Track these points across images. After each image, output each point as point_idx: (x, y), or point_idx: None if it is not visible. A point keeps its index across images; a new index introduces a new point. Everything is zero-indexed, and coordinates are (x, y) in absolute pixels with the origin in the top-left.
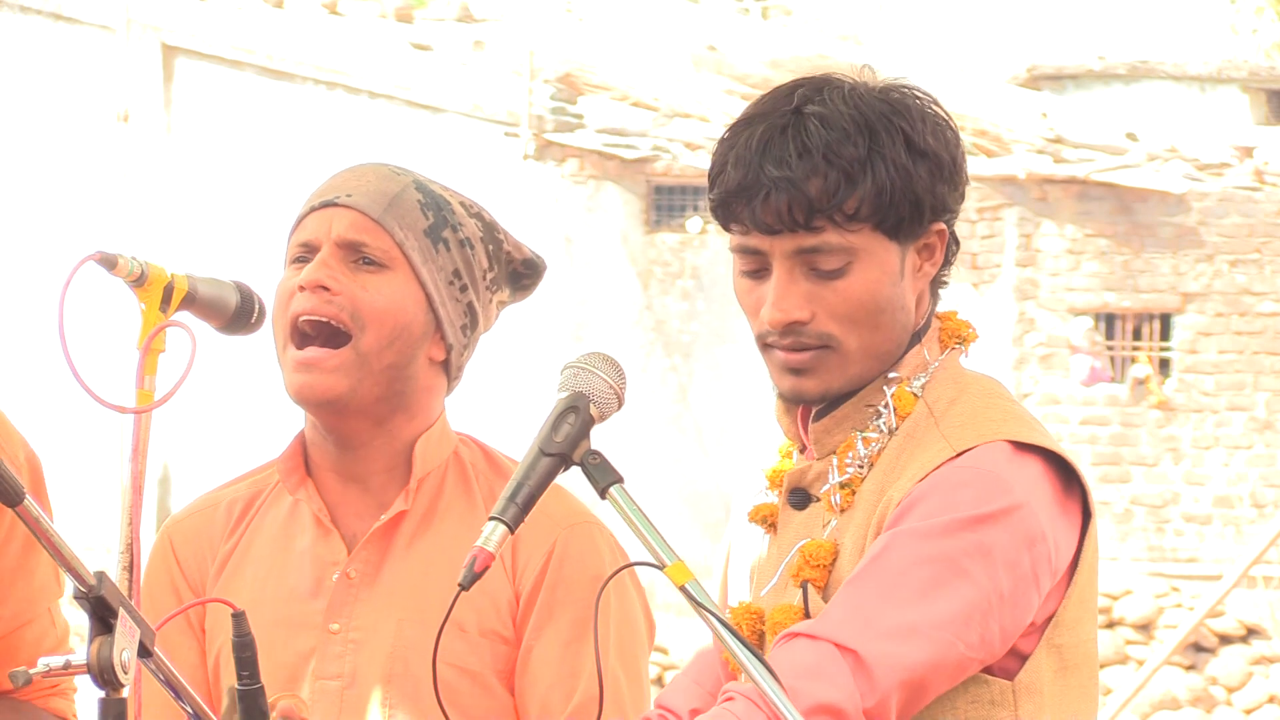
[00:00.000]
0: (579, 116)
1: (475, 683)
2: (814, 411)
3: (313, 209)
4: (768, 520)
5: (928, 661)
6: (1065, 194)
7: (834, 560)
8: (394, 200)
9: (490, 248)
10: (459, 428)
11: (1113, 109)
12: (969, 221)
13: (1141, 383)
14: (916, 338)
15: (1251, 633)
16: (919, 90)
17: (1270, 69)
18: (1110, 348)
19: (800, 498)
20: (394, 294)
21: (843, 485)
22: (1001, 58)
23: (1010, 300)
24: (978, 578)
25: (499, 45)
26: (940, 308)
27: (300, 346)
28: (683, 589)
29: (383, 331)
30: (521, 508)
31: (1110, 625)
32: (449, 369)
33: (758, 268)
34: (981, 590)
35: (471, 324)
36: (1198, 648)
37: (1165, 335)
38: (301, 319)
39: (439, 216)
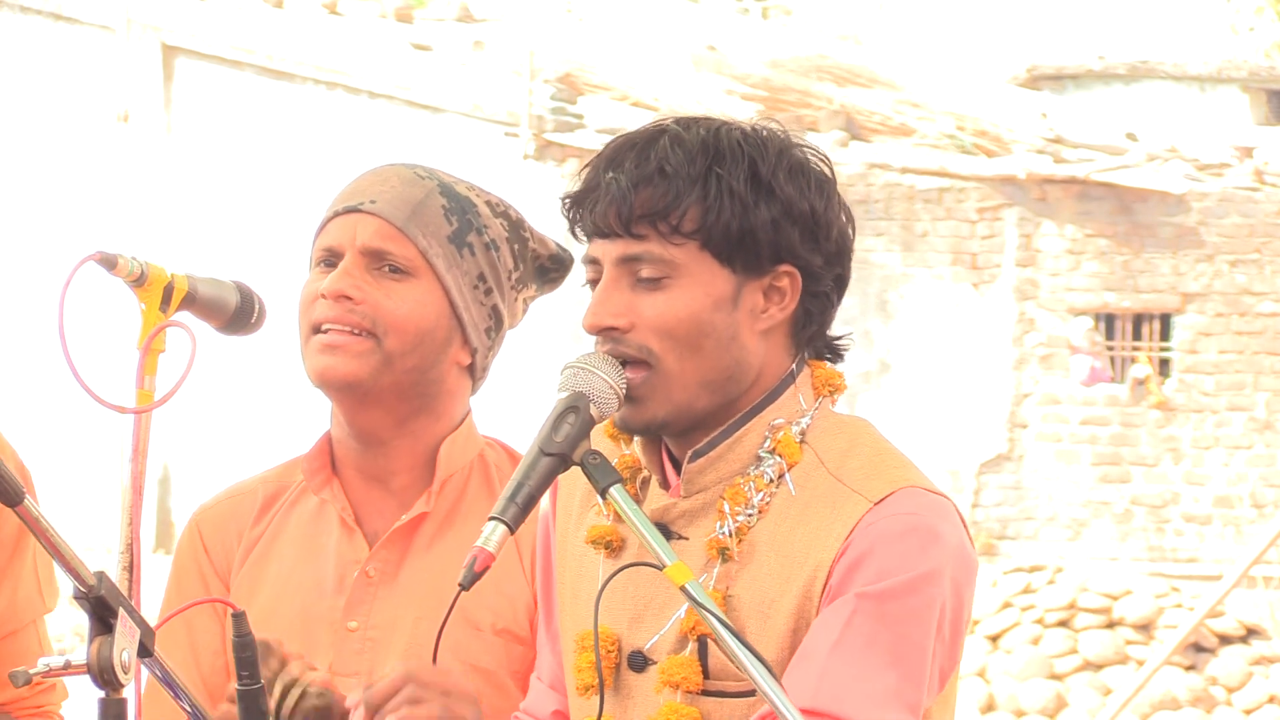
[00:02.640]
0: (579, 116)
1: (489, 681)
2: (691, 451)
3: (336, 214)
4: (610, 544)
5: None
6: (1065, 194)
7: (726, 612)
8: (418, 207)
9: (516, 246)
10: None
11: (1113, 109)
12: (969, 222)
13: (1141, 383)
14: (789, 380)
15: (1251, 633)
16: (808, 148)
17: (1270, 69)
18: (1110, 348)
19: (664, 531)
20: (416, 302)
21: (731, 533)
22: (1001, 58)
23: (1010, 300)
24: (931, 629)
25: (499, 45)
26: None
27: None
28: (683, 589)
29: (405, 339)
30: (522, 508)
31: (1110, 625)
32: (474, 370)
33: (597, 277)
34: (933, 638)
35: (496, 325)
36: (1198, 648)
37: (1165, 335)
38: (324, 326)
39: (463, 221)
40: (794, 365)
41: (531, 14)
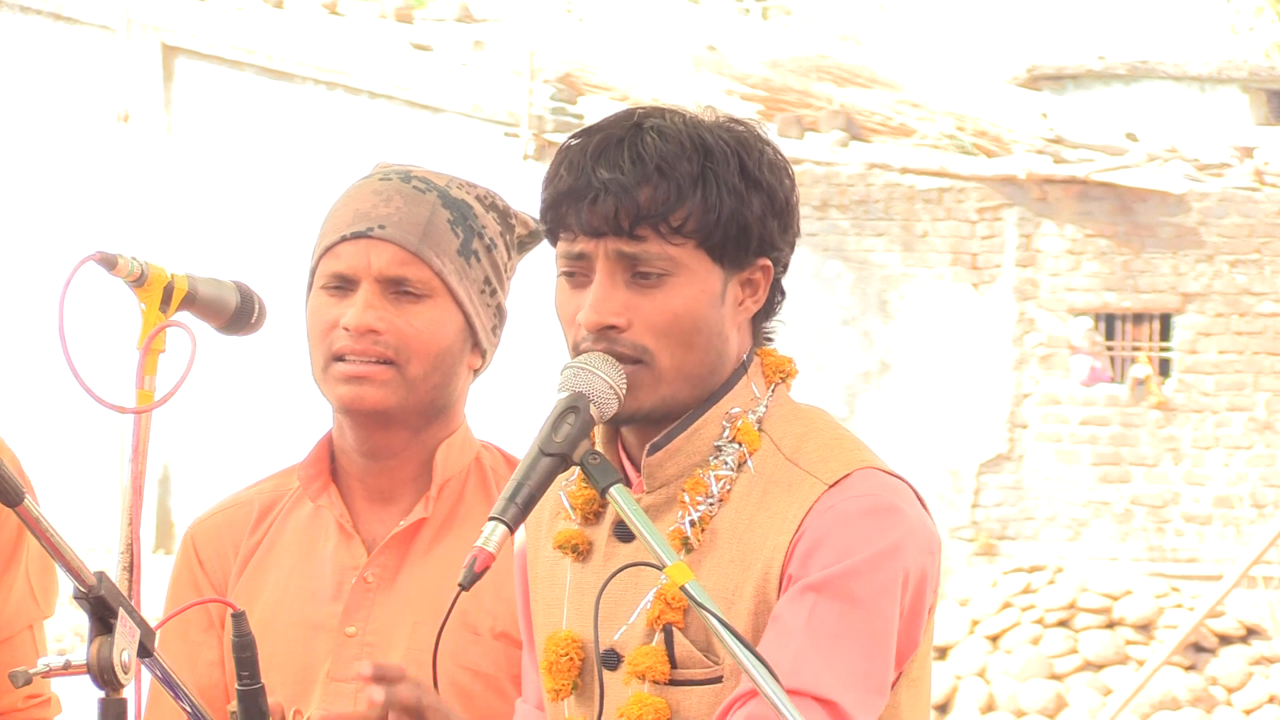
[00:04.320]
0: (579, 116)
1: (488, 685)
2: (649, 445)
3: (344, 239)
4: (577, 549)
5: (881, 701)
6: (1065, 194)
7: (689, 603)
8: (428, 227)
9: (507, 237)
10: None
11: (1113, 109)
12: (969, 222)
13: (1141, 383)
14: (741, 370)
15: (1251, 633)
16: (759, 129)
17: (1270, 69)
18: (1110, 348)
19: (627, 530)
20: (435, 322)
21: (693, 523)
22: (1001, 58)
23: (1010, 300)
24: (896, 604)
25: (499, 45)
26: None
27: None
28: (683, 589)
29: (427, 361)
30: (521, 508)
31: (1110, 625)
32: (479, 370)
33: (580, 272)
34: (895, 618)
35: (501, 322)
36: (1198, 648)
37: (1165, 335)
38: (346, 356)
39: (466, 229)
40: (746, 355)
41: (531, 14)
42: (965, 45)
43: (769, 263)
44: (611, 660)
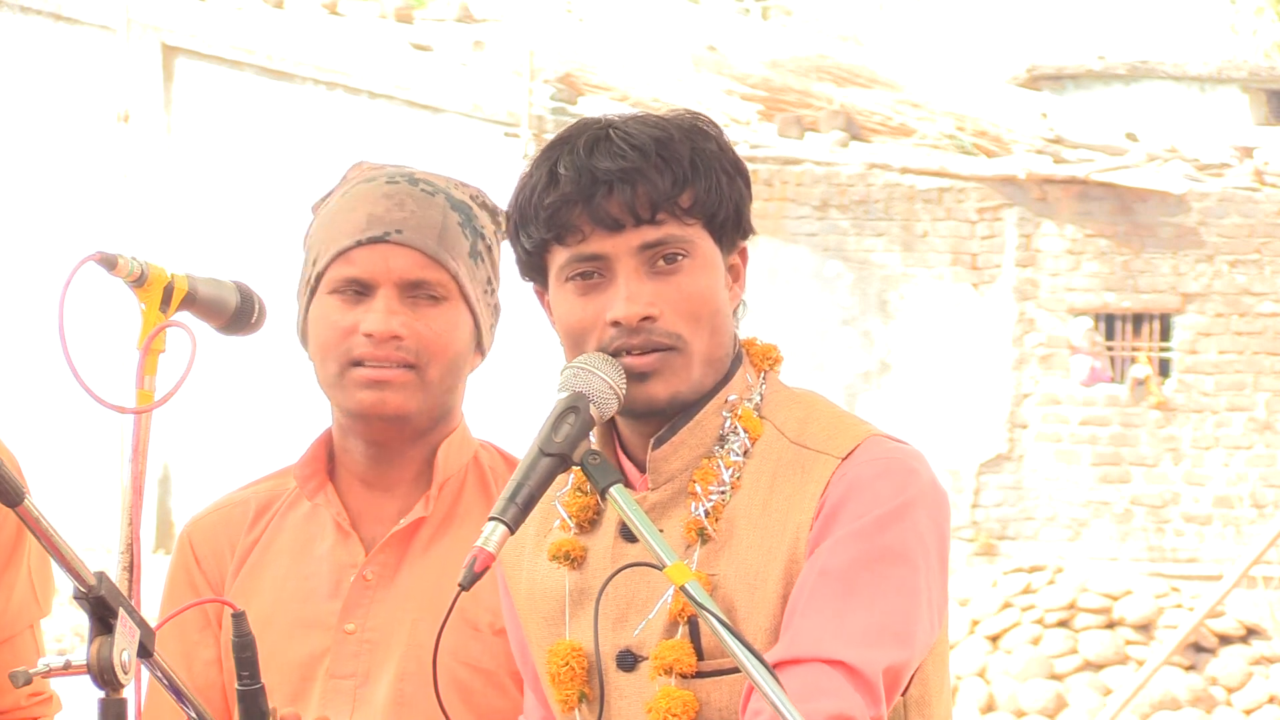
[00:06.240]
0: (579, 117)
1: (489, 682)
2: (654, 439)
3: (359, 243)
4: (570, 556)
5: (903, 659)
6: (1065, 194)
7: (712, 591)
8: (443, 231)
9: (499, 235)
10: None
11: (1113, 109)
12: (969, 222)
13: (1141, 383)
14: (738, 359)
15: (1251, 633)
16: (707, 117)
17: (1270, 69)
18: (1110, 348)
19: (629, 535)
20: (452, 325)
21: (707, 513)
22: (1001, 58)
23: (1010, 300)
24: (917, 562)
25: (499, 45)
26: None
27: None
28: (682, 589)
29: (444, 364)
30: (522, 508)
31: (1110, 625)
32: (473, 370)
33: (596, 273)
34: (921, 571)
35: (497, 320)
36: (1198, 648)
37: (1165, 335)
38: (367, 362)
39: (472, 230)
40: (737, 343)
41: (531, 14)
42: (965, 45)
43: (745, 246)
44: (628, 661)
